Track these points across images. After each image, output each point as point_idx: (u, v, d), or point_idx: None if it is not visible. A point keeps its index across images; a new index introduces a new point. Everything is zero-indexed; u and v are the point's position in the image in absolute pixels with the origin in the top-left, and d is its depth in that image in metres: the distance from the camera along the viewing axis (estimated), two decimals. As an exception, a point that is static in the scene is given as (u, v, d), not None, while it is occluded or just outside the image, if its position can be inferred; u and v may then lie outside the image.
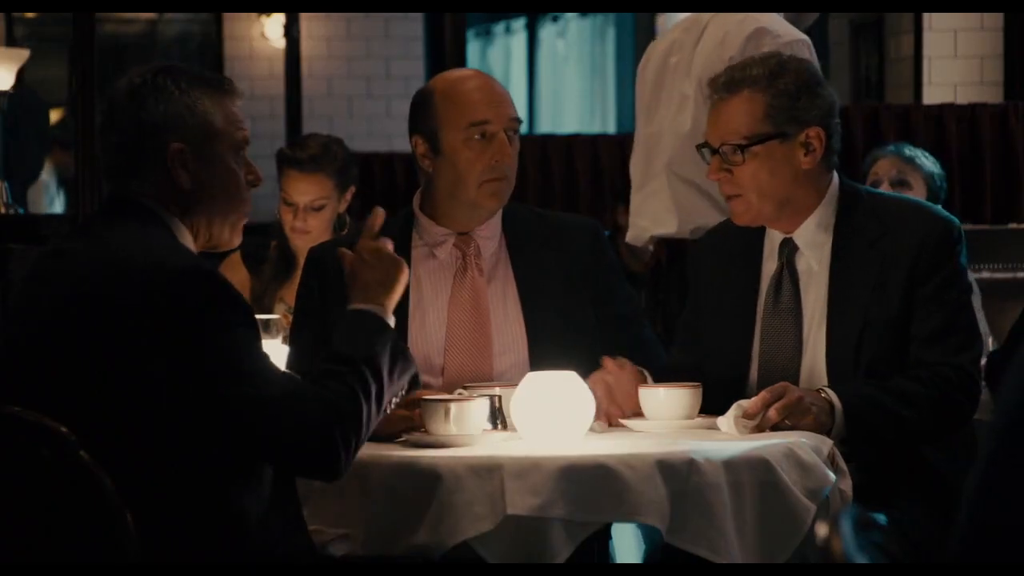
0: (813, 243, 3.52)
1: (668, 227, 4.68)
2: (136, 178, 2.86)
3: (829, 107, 3.50)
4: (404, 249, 3.60)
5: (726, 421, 3.24)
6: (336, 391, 2.77)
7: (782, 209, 3.50)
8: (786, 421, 3.26)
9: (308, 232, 4.96)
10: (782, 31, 4.60)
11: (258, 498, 2.78)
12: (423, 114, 3.62)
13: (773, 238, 3.58)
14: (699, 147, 3.56)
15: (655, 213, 4.73)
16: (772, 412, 3.24)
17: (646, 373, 3.45)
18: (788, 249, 3.54)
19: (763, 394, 3.26)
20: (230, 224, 2.92)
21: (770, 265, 3.57)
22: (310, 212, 4.99)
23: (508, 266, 3.66)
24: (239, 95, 2.95)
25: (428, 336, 3.60)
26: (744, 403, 3.25)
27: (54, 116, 12.45)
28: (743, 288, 3.57)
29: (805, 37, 4.61)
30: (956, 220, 3.53)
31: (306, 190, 5.01)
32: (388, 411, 2.90)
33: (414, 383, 3.07)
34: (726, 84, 3.49)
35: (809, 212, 3.52)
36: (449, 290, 3.63)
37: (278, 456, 2.78)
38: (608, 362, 3.40)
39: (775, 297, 3.54)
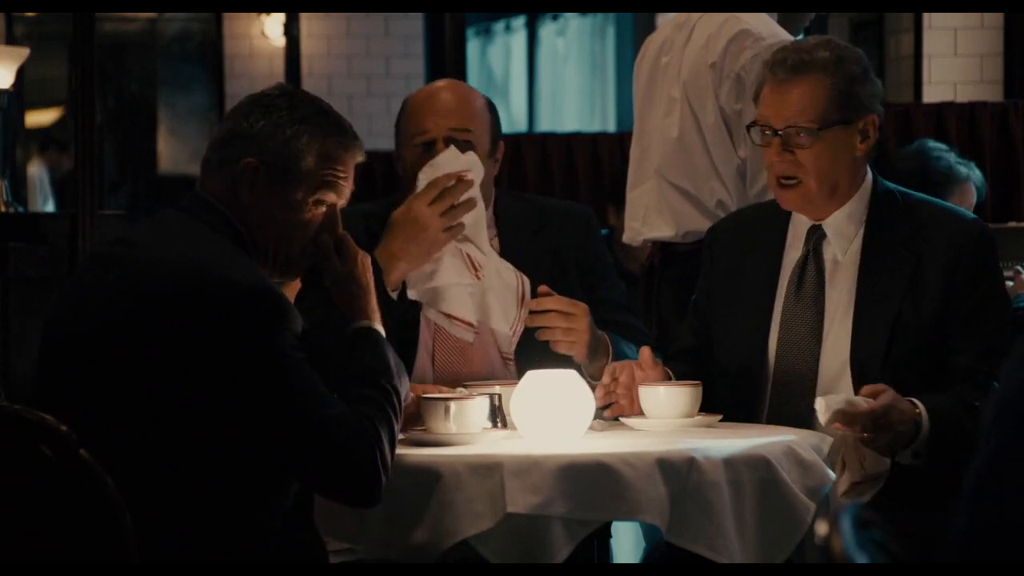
0: (842, 233, 3.48)
1: (658, 231, 4.67)
2: (211, 178, 2.94)
3: (880, 95, 3.49)
4: None
5: (825, 404, 3.12)
6: (371, 415, 2.83)
7: (833, 194, 3.46)
8: (865, 434, 3.14)
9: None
10: (766, 32, 4.52)
11: (279, 513, 2.81)
12: (395, 130, 3.72)
13: (798, 225, 3.54)
14: (749, 127, 3.52)
15: (646, 216, 4.72)
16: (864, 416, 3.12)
17: (671, 373, 3.44)
18: (816, 236, 3.50)
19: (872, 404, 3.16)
20: (284, 260, 2.97)
21: (793, 254, 3.53)
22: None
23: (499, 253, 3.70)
24: (359, 152, 2.96)
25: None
26: (857, 399, 3.16)
27: (51, 115, 12.42)
28: (763, 274, 3.53)
29: (791, 38, 4.52)
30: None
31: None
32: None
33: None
34: (794, 66, 3.43)
35: (844, 201, 3.48)
36: None
37: (322, 476, 2.82)
38: (644, 355, 3.40)
39: (798, 285, 3.50)
